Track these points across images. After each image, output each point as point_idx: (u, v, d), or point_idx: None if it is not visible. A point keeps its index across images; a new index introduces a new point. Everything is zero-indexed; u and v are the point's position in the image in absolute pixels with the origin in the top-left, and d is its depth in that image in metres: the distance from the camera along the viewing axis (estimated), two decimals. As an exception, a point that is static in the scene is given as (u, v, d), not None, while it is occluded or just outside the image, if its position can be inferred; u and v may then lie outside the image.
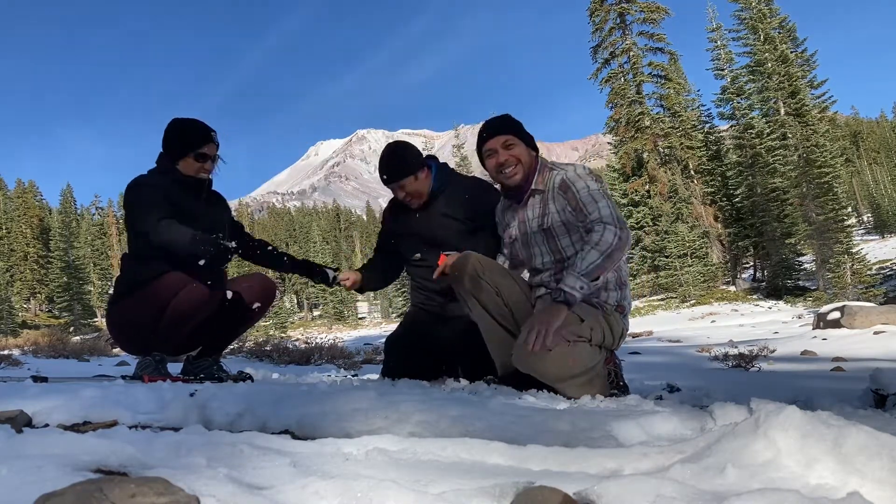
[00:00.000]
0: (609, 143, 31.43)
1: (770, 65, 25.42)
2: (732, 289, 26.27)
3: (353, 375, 3.89)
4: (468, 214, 2.88)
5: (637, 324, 18.01)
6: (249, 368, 3.88)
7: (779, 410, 0.91)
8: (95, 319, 46.18)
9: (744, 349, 5.56)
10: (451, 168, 3.11)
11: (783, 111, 25.42)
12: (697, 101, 29.36)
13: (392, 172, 2.88)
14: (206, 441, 1.11)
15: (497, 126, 2.50)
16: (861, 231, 44.80)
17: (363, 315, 64.60)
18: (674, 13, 27.86)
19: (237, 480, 0.82)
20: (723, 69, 27.30)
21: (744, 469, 0.84)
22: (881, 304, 10.17)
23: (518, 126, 2.52)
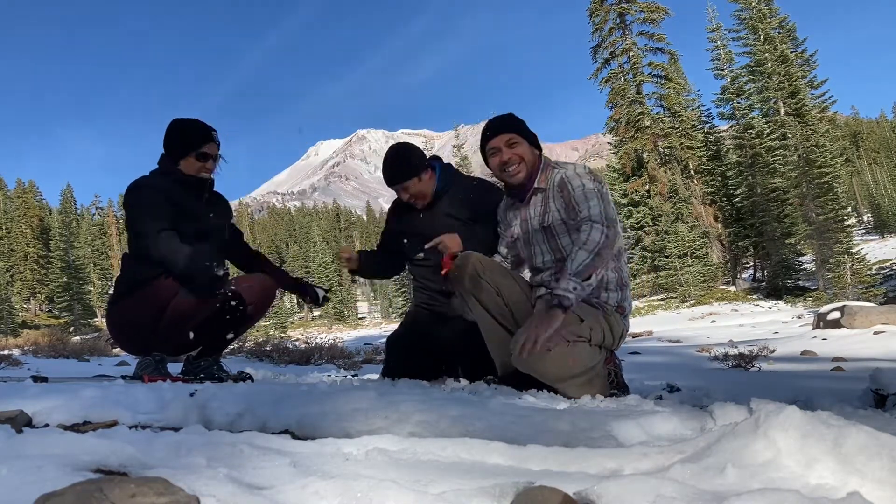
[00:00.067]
0: (609, 143, 31.43)
1: (770, 65, 25.42)
2: (732, 289, 26.27)
3: (353, 375, 3.89)
4: (472, 214, 2.88)
5: (637, 324, 18.00)
6: (249, 368, 3.88)
7: (779, 410, 0.91)
8: (95, 319, 46.18)
9: (744, 349, 5.56)
10: (456, 168, 3.11)
11: (783, 111, 25.43)
12: (697, 101, 29.41)
13: (395, 174, 2.88)
14: (206, 441, 1.11)
15: (501, 124, 2.50)
16: (861, 231, 44.80)
17: (363, 315, 64.61)
18: (674, 13, 27.86)
19: (237, 480, 0.82)
20: (723, 69, 27.30)
21: (744, 469, 0.84)
22: (881, 304, 10.17)
23: (521, 125, 2.52)
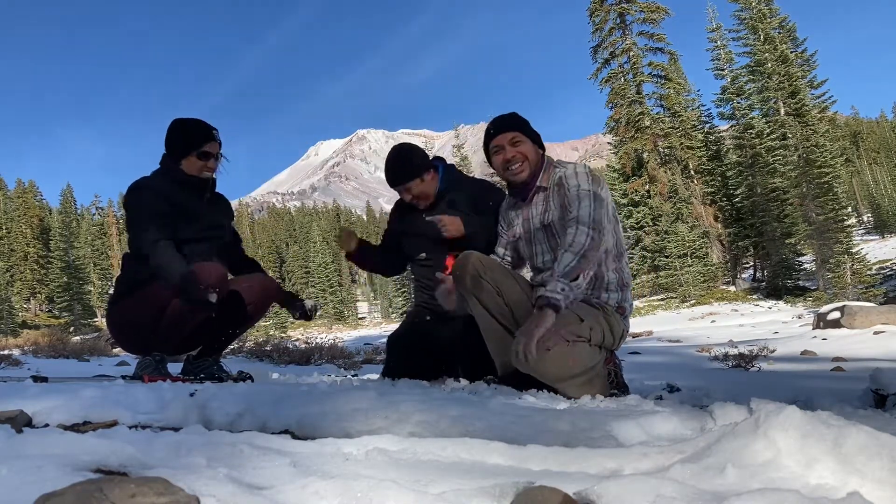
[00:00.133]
0: (609, 143, 31.43)
1: (770, 65, 25.42)
2: (732, 289, 26.26)
3: (353, 375, 3.89)
4: (475, 214, 2.88)
5: (637, 324, 17.99)
6: (249, 368, 3.87)
7: (779, 410, 0.91)
8: (95, 319, 46.18)
9: (744, 349, 5.56)
10: (458, 169, 3.12)
11: (783, 111, 25.42)
12: (697, 101, 29.40)
13: (398, 175, 2.89)
14: (206, 441, 1.11)
15: (504, 123, 2.51)
16: (861, 231, 44.79)
17: (363, 315, 64.62)
18: (674, 13, 27.86)
19: (237, 480, 0.82)
20: (723, 69, 27.29)
21: (744, 469, 0.84)
22: (881, 304, 10.17)
23: (525, 123, 2.52)
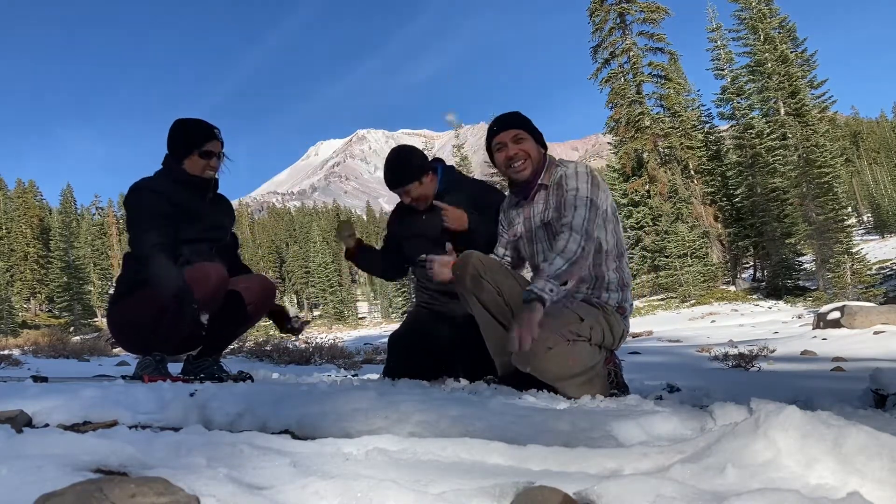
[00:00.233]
0: (609, 143, 31.43)
1: (770, 65, 25.42)
2: (732, 289, 26.26)
3: (353, 375, 3.89)
4: (474, 214, 2.88)
5: (637, 324, 17.99)
6: (249, 368, 3.87)
7: (779, 410, 0.91)
8: (95, 319, 46.19)
9: (744, 349, 5.56)
10: (457, 170, 3.12)
11: (783, 111, 25.42)
12: (697, 101, 29.41)
13: (396, 178, 2.90)
14: (206, 441, 1.11)
15: (507, 120, 2.51)
16: (861, 231, 44.79)
17: (363, 315, 64.62)
18: (674, 13, 27.86)
19: (237, 480, 0.82)
20: (723, 69, 27.29)
21: (744, 469, 0.84)
22: (881, 304, 10.17)
23: (528, 122, 2.53)
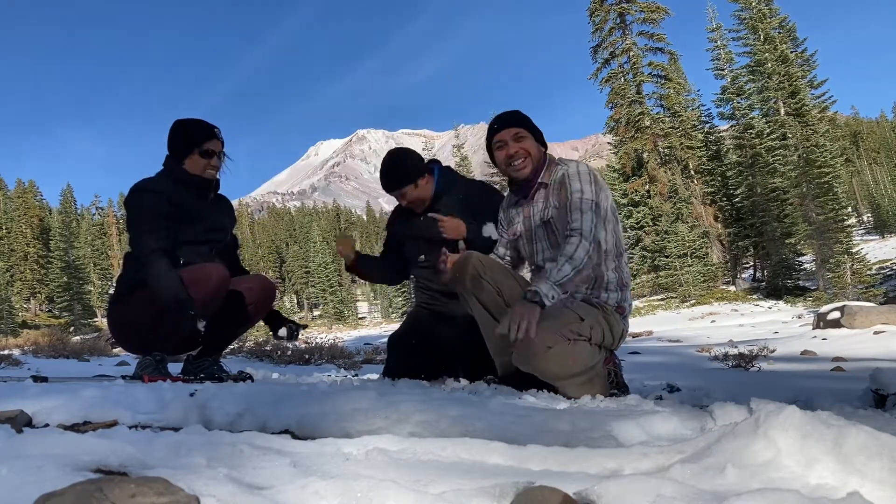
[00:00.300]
0: (609, 143, 31.43)
1: (770, 65, 25.41)
2: (732, 289, 26.26)
3: (353, 375, 3.90)
4: (471, 215, 2.89)
5: (637, 324, 17.99)
6: (249, 368, 3.88)
7: (779, 410, 0.91)
8: (95, 319, 46.19)
9: (744, 349, 5.56)
10: (454, 170, 3.13)
11: (783, 111, 25.42)
12: (697, 101, 29.40)
13: (391, 182, 2.92)
14: (206, 441, 1.11)
15: (508, 119, 2.51)
16: (861, 231, 44.78)
17: (363, 315, 64.62)
18: (674, 13, 27.86)
19: (237, 480, 0.82)
20: (723, 69, 27.29)
21: (744, 469, 0.84)
22: (881, 304, 10.17)
23: (528, 120, 2.53)
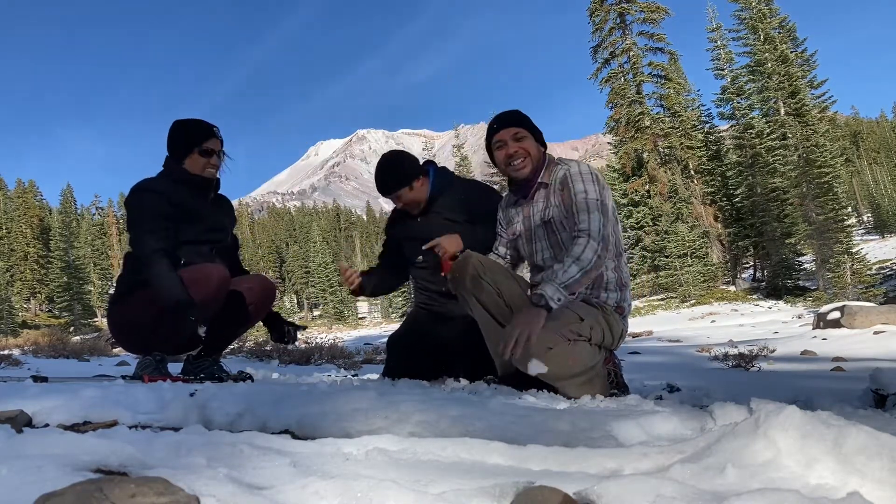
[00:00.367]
0: (609, 143, 31.43)
1: (770, 65, 25.41)
2: (732, 289, 26.26)
3: (353, 375, 3.89)
4: (468, 216, 2.90)
5: (637, 324, 18.00)
6: (249, 368, 3.88)
7: (779, 410, 0.91)
8: (95, 319, 46.19)
9: (744, 349, 5.55)
10: (450, 171, 3.13)
11: (783, 111, 25.42)
12: (697, 101, 29.39)
13: (386, 185, 2.93)
14: (206, 441, 1.11)
15: (507, 118, 2.51)
16: (861, 231, 44.77)
17: (363, 315, 64.59)
18: (674, 13, 27.85)
19: (237, 480, 0.82)
20: (723, 69, 27.29)
21: (744, 469, 0.84)
22: (881, 304, 10.16)
23: (528, 120, 2.53)
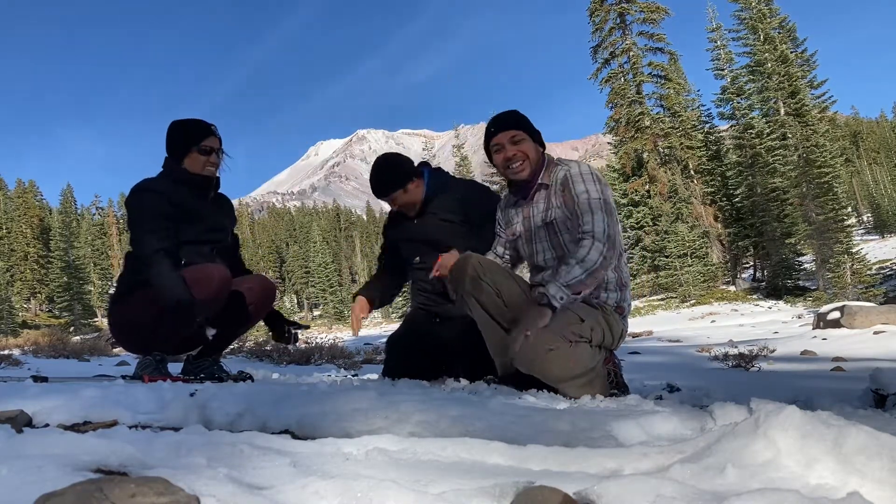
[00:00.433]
0: (609, 143, 31.42)
1: (770, 65, 25.41)
2: (732, 289, 26.25)
3: (353, 375, 3.89)
4: (464, 216, 2.91)
5: (637, 324, 17.99)
6: (249, 368, 3.88)
7: (779, 410, 0.91)
8: (95, 319, 46.19)
9: (744, 349, 5.55)
10: (445, 172, 3.14)
11: (783, 111, 25.42)
12: (697, 101, 29.38)
13: (380, 187, 2.94)
14: (206, 441, 1.11)
15: (505, 121, 2.50)
16: (861, 231, 44.76)
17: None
18: (674, 13, 27.84)
19: (237, 480, 0.82)
20: (723, 69, 27.28)
21: (744, 469, 0.84)
22: (881, 304, 10.16)
23: (526, 121, 2.52)
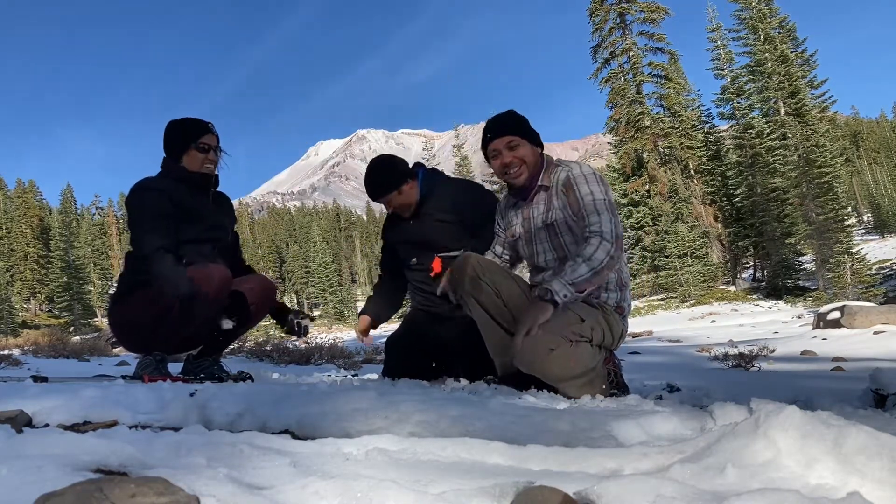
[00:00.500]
0: (609, 143, 31.43)
1: (770, 65, 25.41)
2: (732, 289, 26.26)
3: (353, 375, 3.89)
4: (459, 216, 2.91)
5: (637, 324, 17.99)
6: (249, 368, 3.87)
7: (779, 410, 0.91)
8: (95, 319, 46.19)
9: (744, 349, 5.55)
10: (440, 172, 3.15)
11: (783, 111, 25.41)
12: (697, 101, 29.37)
13: (374, 190, 2.95)
14: (206, 441, 1.11)
15: (501, 126, 2.47)
16: (861, 231, 44.76)
17: (363, 315, 64.47)
18: (674, 13, 27.85)
19: (237, 480, 0.82)
20: (723, 69, 27.28)
21: (744, 469, 0.84)
22: (881, 304, 10.16)
23: (523, 124, 2.49)
